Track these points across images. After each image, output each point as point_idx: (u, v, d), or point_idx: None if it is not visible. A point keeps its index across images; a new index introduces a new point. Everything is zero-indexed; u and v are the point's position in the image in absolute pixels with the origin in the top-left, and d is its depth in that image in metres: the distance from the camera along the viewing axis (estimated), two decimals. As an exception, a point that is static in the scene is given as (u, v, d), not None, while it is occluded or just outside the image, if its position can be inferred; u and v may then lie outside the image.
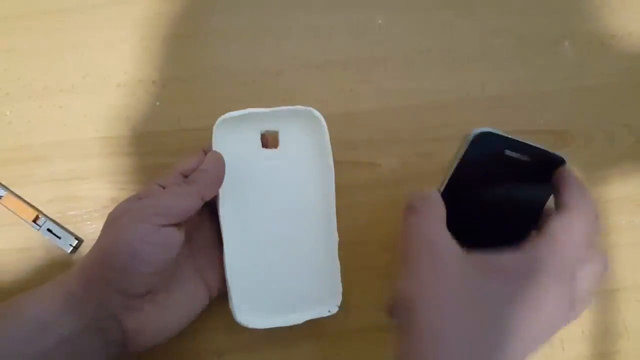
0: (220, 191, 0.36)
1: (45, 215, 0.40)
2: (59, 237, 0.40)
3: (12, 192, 0.40)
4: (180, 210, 0.32)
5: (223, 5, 0.44)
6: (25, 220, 0.40)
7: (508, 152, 0.33)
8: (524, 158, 0.33)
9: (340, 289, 0.37)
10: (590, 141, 0.45)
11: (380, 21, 0.45)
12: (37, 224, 0.40)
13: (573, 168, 0.33)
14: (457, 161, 0.33)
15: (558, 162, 0.33)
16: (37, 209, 0.40)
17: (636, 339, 0.42)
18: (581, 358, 0.41)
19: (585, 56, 0.46)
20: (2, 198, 0.40)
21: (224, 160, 0.36)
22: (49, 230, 0.40)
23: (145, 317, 0.32)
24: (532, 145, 0.33)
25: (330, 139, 0.38)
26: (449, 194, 0.33)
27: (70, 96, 0.42)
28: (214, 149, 0.36)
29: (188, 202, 0.33)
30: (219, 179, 0.35)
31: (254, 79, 0.43)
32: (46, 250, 0.40)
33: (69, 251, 0.40)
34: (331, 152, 0.38)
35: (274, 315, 0.37)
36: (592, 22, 0.46)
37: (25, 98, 0.42)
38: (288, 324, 0.36)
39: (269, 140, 0.39)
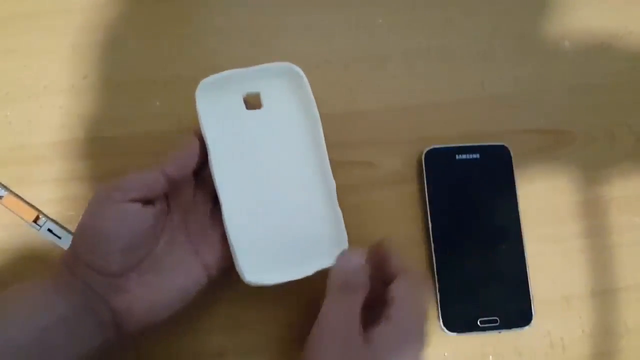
0: (212, 157, 0.36)
1: (45, 216, 0.40)
2: (60, 237, 0.40)
3: (12, 192, 0.40)
4: (138, 184, 0.33)
5: (223, 5, 0.44)
6: (26, 221, 0.40)
7: (459, 157, 0.42)
8: (475, 156, 0.42)
9: (345, 236, 0.37)
10: (591, 140, 0.45)
11: (380, 21, 0.45)
12: (37, 224, 0.40)
13: (573, 165, 0.33)
14: (425, 184, 0.41)
15: (503, 150, 0.42)
16: (37, 209, 0.40)
17: (637, 339, 0.42)
18: (582, 358, 0.41)
19: (586, 55, 0.46)
20: (3, 198, 0.40)
21: (198, 145, 0.35)
22: (49, 230, 0.40)
23: (133, 297, 0.33)
24: (473, 145, 0.42)
25: (330, 139, 0.38)
26: (434, 215, 0.41)
27: (70, 96, 0.42)
28: (198, 115, 0.36)
29: (147, 175, 0.34)
30: (187, 159, 0.35)
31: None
32: (47, 250, 0.40)
33: (69, 251, 0.40)
34: (314, 103, 0.38)
35: (282, 270, 0.36)
36: (592, 21, 0.46)
37: (25, 98, 0.42)
38: (298, 277, 0.35)
39: (252, 102, 0.39)
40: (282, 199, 0.38)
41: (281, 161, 0.38)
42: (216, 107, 0.37)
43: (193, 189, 0.37)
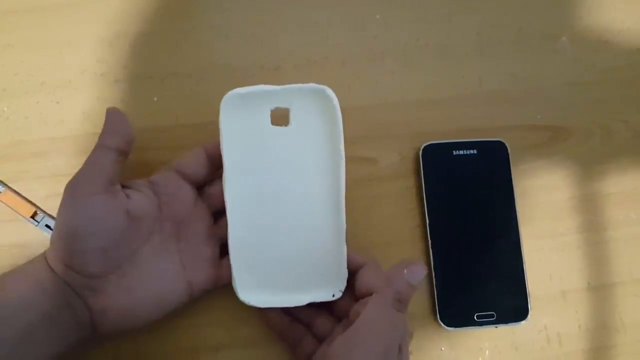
0: (227, 168, 0.35)
1: (43, 211, 0.40)
2: (57, 233, 0.40)
3: (10, 188, 0.40)
4: (88, 167, 0.33)
5: (220, 1, 0.44)
6: (24, 216, 0.40)
7: (456, 152, 0.42)
8: (472, 152, 0.42)
9: (346, 275, 0.37)
10: (588, 136, 0.45)
11: (378, 16, 0.45)
12: (35, 220, 0.40)
13: (570, 161, 0.33)
14: (423, 179, 0.41)
15: (500, 146, 0.42)
16: (35, 205, 0.40)
17: (632, 334, 0.42)
18: (578, 352, 0.42)
19: (583, 51, 0.46)
20: (0, 194, 0.40)
21: (121, 112, 0.35)
22: (47, 226, 0.40)
23: (109, 299, 0.32)
24: (471, 141, 0.42)
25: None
26: (431, 211, 0.41)
27: (67, 92, 0.42)
28: (220, 126, 0.35)
29: (92, 155, 0.33)
30: (118, 124, 0.35)
31: (252, 75, 0.43)
32: (44, 246, 0.40)
33: (67, 247, 0.40)
34: (342, 136, 0.37)
35: (277, 295, 0.36)
36: (590, 17, 0.46)
37: (22, 94, 0.42)
38: (290, 305, 0.36)
39: (278, 117, 0.37)
40: (291, 224, 0.37)
41: (297, 184, 0.37)
42: (240, 120, 0.36)
43: (194, 201, 0.37)
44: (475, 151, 0.42)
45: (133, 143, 0.35)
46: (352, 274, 0.36)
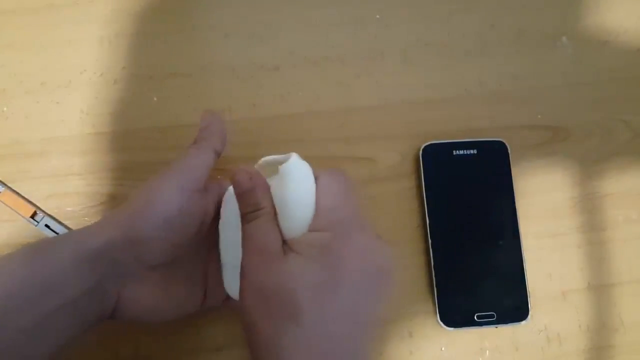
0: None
1: (43, 211, 0.40)
2: (57, 233, 0.40)
3: (9, 187, 0.40)
4: (200, 168, 0.33)
5: (220, 1, 0.44)
6: (23, 216, 0.40)
7: (456, 152, 0.42)
8: (472, 152, 0.42)
9: None
10: (588, 136, 0.45)
11: (378, 16, 0.45)
12: (34, 220, 0.40)
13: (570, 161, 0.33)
14: (423, 179, 0.41)
15: (500, 146, 0.42)
16: (34, 205, 0.40)
17: (632, 333, 0.42)
18: (578, 352, 0.42)
19: (583, 52, 0.46)
20: (0, 194, 0.40)
21: (218, 114, 0.36)
22: (46, 226, 0.40)
23: (144, 292, 0.32)
24: (471, 141, 0.42)
25: (328, 135, 0.38)
26: (431, 212, 0.41)
27: (67, 92, 0.42)
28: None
29: (205, 158, 0.34)
30: (221, 131, 0.35)
31: (252, 75, 0.43)
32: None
33: (67, 247, 0.40)
34: None
35: None
36: (590, 18, 0.47)
37: (22, 94, 0.42)
38: None
39: None
40: None
41: None
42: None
43: None
44: (475, 151, 0.42)
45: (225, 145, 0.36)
46: None
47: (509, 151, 0.43)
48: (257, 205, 0.30)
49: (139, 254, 0.31)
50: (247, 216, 0.30)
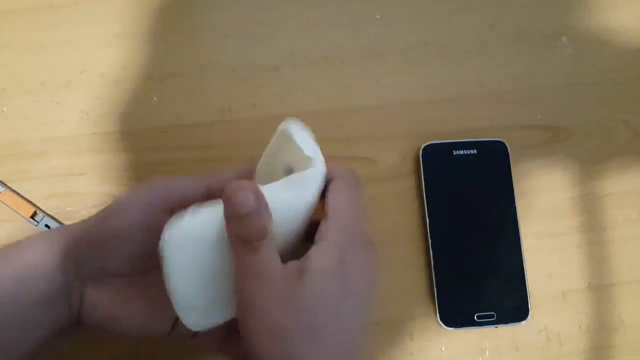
0: None
1: (43, 211, 0.40)
2: (57, 233, 0.40)
3: (9, 188, 0.40)
4: (175, 191, 0.31)
5: (220, 1, 0.44)
6: (23, 217, 0.40)
7: (456, 152, 0.42)
8: (472, 152, 0.42)
9: None
10: (588, 136, 0.45)
11: (377, 16, 0.45)
12: (34, 220, 0.40)
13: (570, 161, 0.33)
14: (423, 179, 0.41)
15: (500, 146, 0.43)
16: (34, 205, 0.40)
17: (632, 333, 0.42)
18: (578, 352, 0.42)
19: (583, 51, 0.46)
20: (0, 194, 0.40)
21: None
22: (46, 226, 0.40)
23: (98, 296, 0.31)
24: (471, 141, 0.42)
25: (328, 135, 0.38)
26: (431, 212, 0.41)
27: (67, 92, 0.42)
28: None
29: (187, 185, 0.32)
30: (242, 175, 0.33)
31: (252, 75, 0.43)
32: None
33: (67, 247, 0.40)
34: None
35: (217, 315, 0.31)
36: (590, 17, 0.47)
37: (22, 94, 0.42)
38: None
39: None
40: None
41: None
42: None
43: None
44: (475, 151, 0.42)
45: None
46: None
47: (509, 151, 0.43)
48: (263, 232, 0.26)
49: (98, 257, 0.31)
50: (251, 244, 0.26)
